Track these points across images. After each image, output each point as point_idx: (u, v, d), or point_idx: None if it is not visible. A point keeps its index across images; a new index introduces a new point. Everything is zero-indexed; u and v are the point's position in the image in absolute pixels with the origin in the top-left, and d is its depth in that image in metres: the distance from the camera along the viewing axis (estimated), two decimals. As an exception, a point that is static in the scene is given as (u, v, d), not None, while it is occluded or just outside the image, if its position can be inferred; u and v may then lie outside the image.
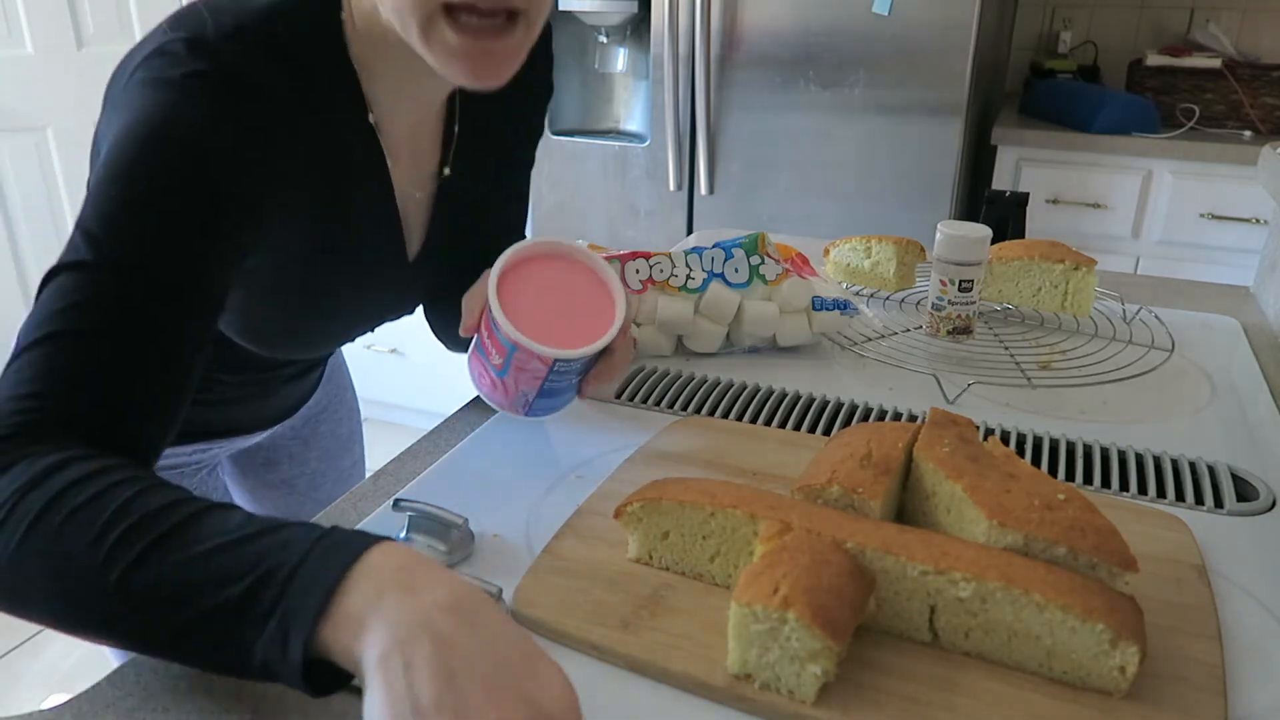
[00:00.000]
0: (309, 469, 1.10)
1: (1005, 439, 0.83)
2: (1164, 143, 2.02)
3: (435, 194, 0.82)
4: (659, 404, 0.89)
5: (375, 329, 0.90)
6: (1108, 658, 0.51)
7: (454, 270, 0.77)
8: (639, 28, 2.22)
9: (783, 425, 0.86)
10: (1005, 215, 1.31)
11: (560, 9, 2.13)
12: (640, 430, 0.83)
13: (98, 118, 0.67)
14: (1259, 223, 1.98)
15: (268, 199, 0.65)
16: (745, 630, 0.51)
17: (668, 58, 2.05)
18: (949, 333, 1.02)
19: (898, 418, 0.87)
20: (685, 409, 0.89)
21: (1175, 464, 0.79)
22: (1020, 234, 1.31)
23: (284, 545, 0.48)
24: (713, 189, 2.15)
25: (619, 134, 2.39)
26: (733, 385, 0.93)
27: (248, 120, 0.62)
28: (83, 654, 1.94)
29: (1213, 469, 0.78)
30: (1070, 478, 0.77)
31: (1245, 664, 0.56)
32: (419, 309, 0.93)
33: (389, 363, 2.67)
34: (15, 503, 0.49)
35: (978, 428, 0.72)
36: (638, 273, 0.94)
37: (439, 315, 0.93)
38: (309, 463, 1.10)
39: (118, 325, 0.56)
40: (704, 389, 0.92)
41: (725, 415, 0.87)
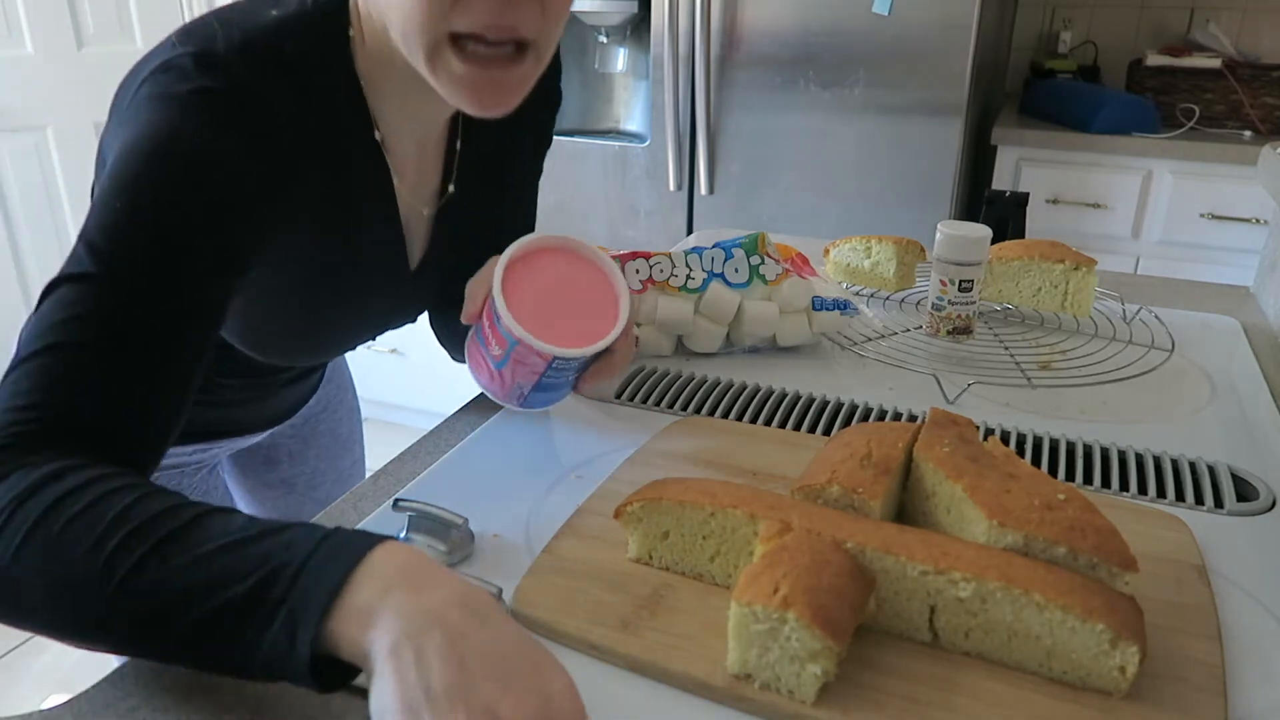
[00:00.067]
0: (308, 468, 1.10)
1: (1005, 439, 0.83)
2: (1164, 143, 2.02)
3: (439, 209, 0.82)
4: (659, 404, 0.89)
5: (377, 337, 0.90)
6: (1108, 658, 0.51)
7: (457, 279, 0.78)
8: (639, 28, 2.22)
9: (783, 425, 0.86)
10: (1005, 215, 1.31)
11: (560, 9, 2.13)
12: (640, 430, 0.83)
13: (103, 125, 0.67)
14: (1259, 223, 1.98)
15: (272, 215, 0.65)
16: (745, 630, 0.51)
17: (668, 58, 2.05)
18: (949, 333, 1.02)
19: (898, 418, 0.87)
20: (685, 409, 0.89)
21: (1175, 464, 0.79)
22: (1020, 234, 1.31)
23: (289, 545, 0.48)
24: (713, 189, 2.15)
25: (619, 134, 2.39)
26: (733, 385, 0.93)
27: (254, 137, 0.62)
28: (83, 654, 1.90)
29: (1213, 469, 0.78)
30: (1070, 478, 0.77)
31: (1245, 664, 0.56)
32: (421, 316, 0.93)
33: (389, 363, 2.67)
34: (12, 511, 0.49)
35: (978, 428, 0.72)
36: (638, 273, 0.94)
37: (444, 323, 0.93)
38: (308, 462, 1.10)
39: (118, 338, 0.55)
40: (704, 389, 0.92)
41: (725, 415, 0.87)
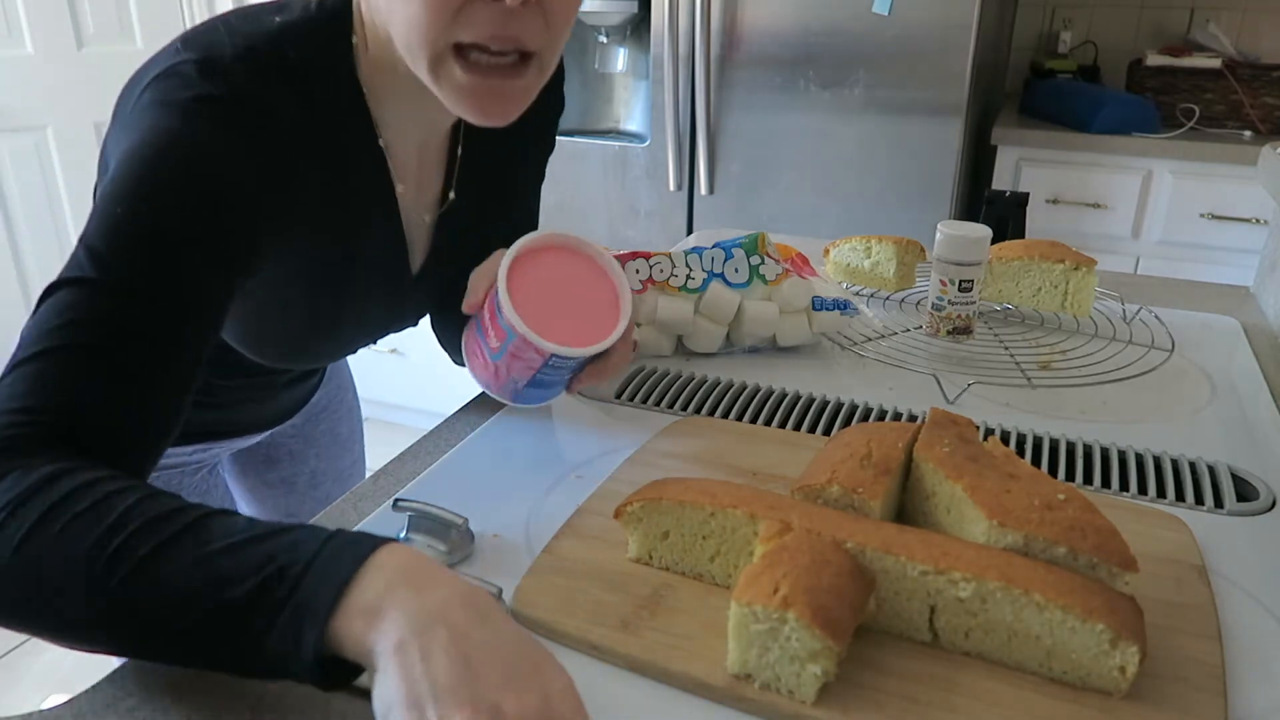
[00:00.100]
0: (308, 467, 1.10)
1: (1005, 439, 0.83)
2: (1164, 143, 2.01)
3: (439, 215, 0.82)
4: (659, 404, 0.89)
5: (377, 340, 0.90)
6: (1108, 658, 0.51)
7: (459, 285, 0.78)
8: (639, 28, 2.22)
9: (783, 425, 0.86)
10: (1005, 215, 1.31)
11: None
12: (640, 430, 0.83)
13: (103, 125, 0.67)
14: (1259, 223, 1.98)
15: (274, 222, 0.65)
16: (745, 630, 0.51)
17: (668, 58, 2.05)
18: (949, 333, 1.02)
19: (898, 418, 0.87)
20: (685, 409, 0.89)
21: (1175, 464, 0.79)
22: (1020, 234, 1.31)
23: (294, 545, 0.48)
24: (713, 189, 2.15)
25: (619, 134, 2.39)
26: (733, 385, 0.93)
27: (256, 144, 0.63)
28: (83, 654, 1.93)
29: (1213, 469, 0.78)
30: (1070, 478, 0.77)
31: (1245, 664, 0.56)
32: (422, 320, 0.93)
33: (389, 363, 2.67)
34: (10, 512, 0.49)
35: (978, 428, 0.72)
36: (638, 273, 0.94)
37: (445, 327, 0.93)
38: (308, 461, 1.10)
39: (116, 343, 0.55)
40: (704, 389, 0.92)
41: (725, 415, 0.87)
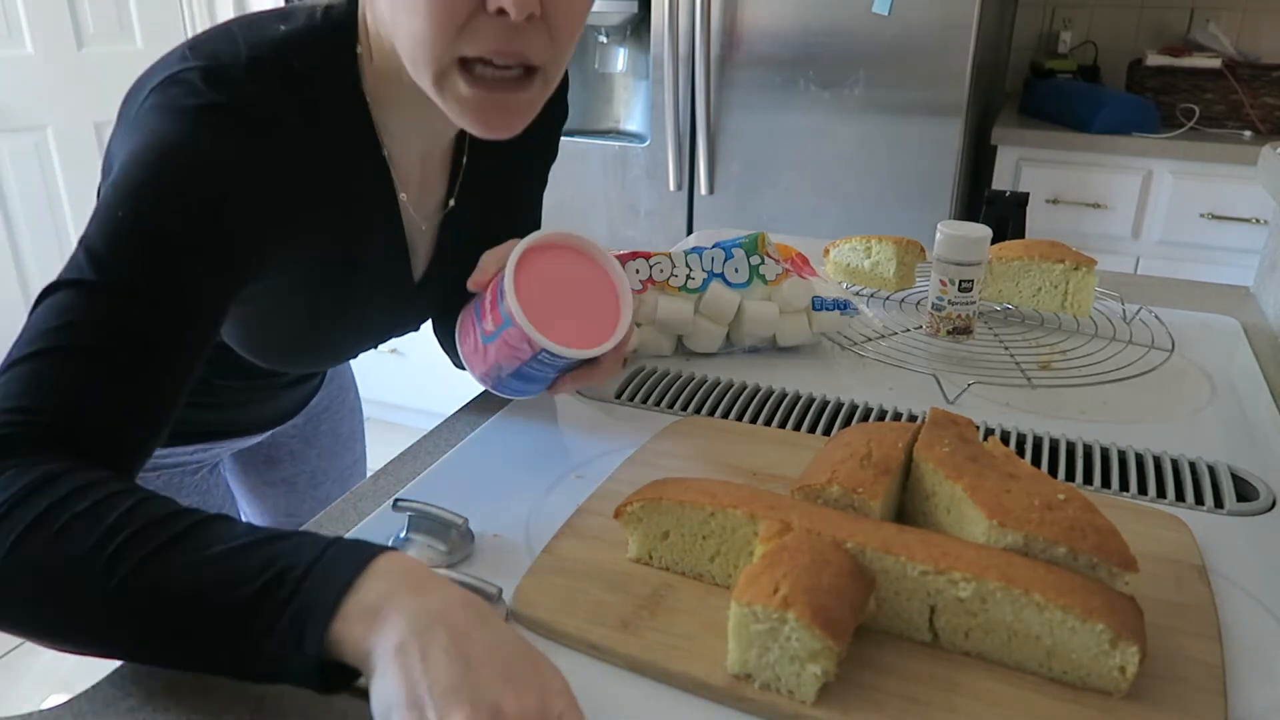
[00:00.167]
0: (309, 467, 1.10)
1: (1005, 439, 0.83)
2: (1164, 143, 2.02)
3: (441, 222, 0.82)
4: (659, 404, 0.89)
5: (379, 345, 0.90)
6: (1108, 658, 0.51)
7: (461, 291, 0.78)
8: (639, 28, 2.22)
9: (783, 425, 0.86)
10: (1005, 215, 1.31)
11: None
12: (640, 430, 0.83)
13: (103, 125, 0.67)
14: (1259, 223, 1.98)
15: (275, 229, 0.65)
16: (745, 630, 0.51)
17: (668, 58, 2.05)
18: (949, 333, 1.02)
19: (898, 418, 0.87)
20: (685, 409, 0.89)
21: (1175, 464, 0.79)
22: (1020, 234, 1.31)
23: (294, 550, 0.49)
24: (713, 189, 2.15)
25: (619, 134, 2.39)
26: (733, 385, 0.93)
27: (259, 153, 0.63)
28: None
29: (1213, 469, 0.78)
30: (1070, 478, 0.77)
31: (1245, 664, 0.56)
32: (424, 324, 0.93)
33: (389, 363, 2.67)
34: (7, 511, 0.49)
35: (978, 428, 0.72)
36: (638, 273, 0.94)
37: (447, 331, 0.93)
38: (309, 461, 1.10)
39: (114, 345, 0.55)
40: (704, 389, 0.92)
41: (725, 415, 0.87)
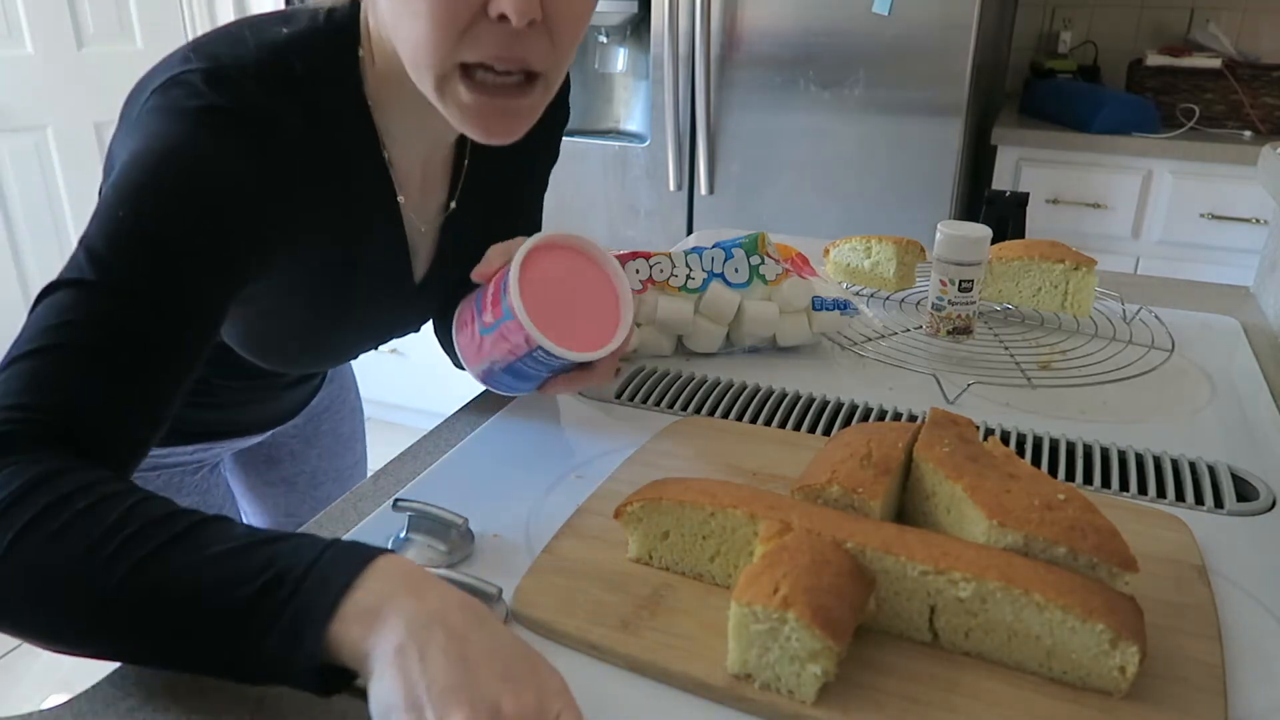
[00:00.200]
0: (309, 467, 1.10)
1: (1005, 439, 0.83)
2: (1164, 143, 2.02)
3: (442, 225, 0.82)
4: (659, 404, 0.89)
5: (379, 346, 0.90)
6: (1108, 658, 0.51)
7: (462, 292, 0.78)
8: (639, 28, 2.22)
9: (783, 425, 0.86)
10: (1005, 215, 1.31)
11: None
12: (640, 430, 0.83)
13: (103, 125, 0.67)
14: (1259, 223, 1.98)
15: (275, 231, 0.65)
16: (745, 630, 0.51)
17: (668, 58, 2.05)
18: (949, 333, 1.02)
19: (898, 418, 0.87)
20: (685, 409, 0.89)
21: (1175, 464, 0.79)
22: (1020, 234, 1.31)
23: (293, 551, 0.49)
24: (713, 189, 2.15)
25: (619, 134, 2.39)
26: (733, 385, 0.93)
27: (259, 155, 0.63)
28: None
29: (1213, 469, 0.78)
30: (1070, 478, 0.77)
31: (1245, 664, 0.56)
32: (425, 325, 0.93)
33: (389, 363, 2.67)
34: (4, 509, 0.49)
35: (978, 428, 0.72)
36: (638, 273, 0.94)
37: (448, 331, 0.93)
38: (309, 461, 1.10)
39: (114, 345, 0.55)
40: (704, 389, 0.92)
41: (725, 415, 0.87)
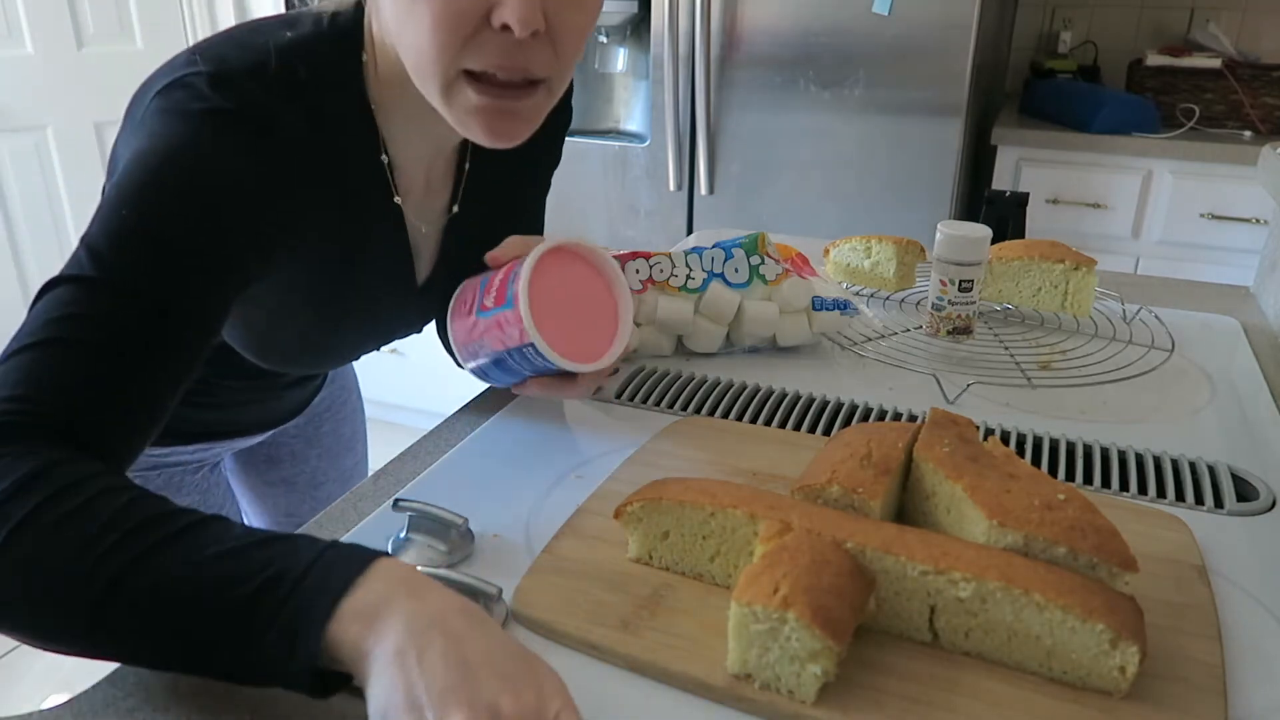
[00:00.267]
0: (309, 467, 1.10)
1: (1005, 439, 0.83)
2: (1164, 143, 2.02)
3: (445, 227, 0.82)
4: (659, 404, 0.89)
5: (381, 347, 0.90)
6: (1108, 658, 0.51)
7: None
8: (639, 28, 2.21)
9: (783, 425, 0.86)
10: (1005, 215, 1.31)
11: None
12: (640, 430, 0.83)
13: (103, 125, 0.68)
14: (1259, 223, 1.98)
15: (278, 233, 0.65)
16: (745, 630, 0.51)
17: (668, 58, 2.05)
18: (949, 333, 1.02)
19: (898, 418, 0.87)
20: (685, 409, 0.89)
21: (1175, 464, 0.79)
22: (1020, 234, 1.31)
23: (292, 551, 0.49)
24: (713, 189, 2.15)
25: (619, 134, 2.39)
26: (733, 385, 0.93)
27: (263, 158, 0.63)
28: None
29: (1213, 469, 0.78)
30: (1070, 478, 0.77)
31: (1245, 664, 0.56)
32: (427, 326, 0.93)
33: (389, 363, 2.67)
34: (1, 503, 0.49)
35: (978, 428, 0.72)
36: (638, 273, 0.94)
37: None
38: (310, 461, 1.10)
39: (114, 342, 0.55)
40: (704, 389, 0.92)
41: (725, 415, 0.87)
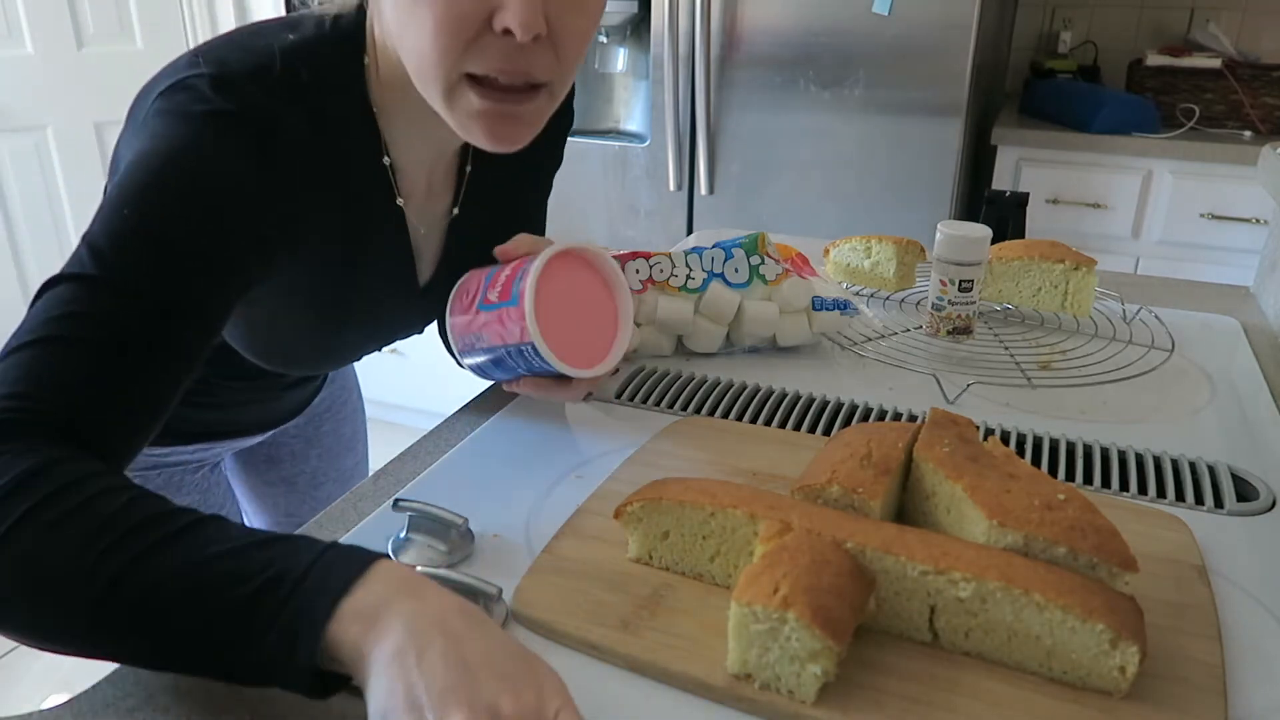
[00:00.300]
0: (309, 467, 1.10)
1: (1005, 439, 0.83)
2: (1164, 143, 2.02)
3: (446, 229, 0.82)
4: (659, 404, 0.89)
5: (383, 348, 0.90)
6: (1108, 658, 0.51)
7: None
8: (639, 28, 2.21)
9: (783, 425, 0.86)
10: (1005, 215, 1.31)
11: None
12: (640, 430, 0.83)
13: (103, 125, 0.68)
14: (1259, 223, 1.98)
15: (279, 235, 0.65)
16: (745, 630, 0.51)
17: (668, 58, 2.05)
18: (949, 333, 1.02)
19: (898, 418, 0.87)
20: (685, 409, 0.89)
21: (1175, 464, 0.79)
22: (1020, 234, 1.31)
23: (292, 552, 0.49)
24: (713, 189, 2.15)
25: (619, 134, 2.39)
26: (733, 385, 0.93)
27: (265, 160, 0.63)
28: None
29: (1213, 469, 0.78)
30: (1070, 478, 0.77)
31: (1245, 664, 0.56)
32: (429, 327, 0.93)
33: (389, 363, 2.67)
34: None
35: (978, 428, 0.72)
36: (638, 273, 0.94)
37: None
38: (310, 461, 1.10)
39: (114, 341, 0.55)
40: (704, 389, 0.92)
41: (725, 415, 0.87)
